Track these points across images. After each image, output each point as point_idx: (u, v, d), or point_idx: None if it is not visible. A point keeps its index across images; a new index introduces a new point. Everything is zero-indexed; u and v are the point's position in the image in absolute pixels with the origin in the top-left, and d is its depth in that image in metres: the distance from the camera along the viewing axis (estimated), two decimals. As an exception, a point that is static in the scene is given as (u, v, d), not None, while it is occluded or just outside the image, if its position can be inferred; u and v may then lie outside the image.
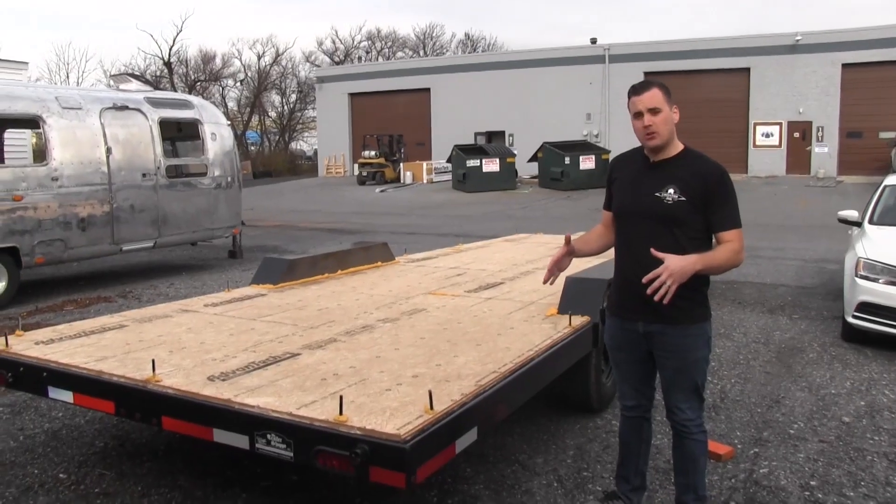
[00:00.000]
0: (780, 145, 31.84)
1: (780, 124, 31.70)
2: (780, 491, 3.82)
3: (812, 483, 3.90)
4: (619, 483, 3.56)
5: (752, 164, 32.09)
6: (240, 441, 2.96)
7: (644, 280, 2.95)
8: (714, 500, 3.69)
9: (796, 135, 31.52)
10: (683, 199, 3.02)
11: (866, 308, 6.46)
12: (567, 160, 28.36)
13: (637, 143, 3.28)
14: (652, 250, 2.98)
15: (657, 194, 3.07)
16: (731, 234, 3.03)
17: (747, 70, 31.96)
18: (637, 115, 3.07)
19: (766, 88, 31.64)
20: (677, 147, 3.13)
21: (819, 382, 5.64)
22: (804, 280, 10.25)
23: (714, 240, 3.12)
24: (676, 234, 3.04)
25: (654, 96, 3.04)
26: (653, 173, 3.12)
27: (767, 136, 31.94)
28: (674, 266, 2.90)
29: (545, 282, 3.50)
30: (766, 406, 5.13)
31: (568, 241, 3.40)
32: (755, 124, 32.18)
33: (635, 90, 3.08)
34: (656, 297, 2.92)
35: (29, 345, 4.01)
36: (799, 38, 30.73)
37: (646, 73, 30.78)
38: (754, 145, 32.30)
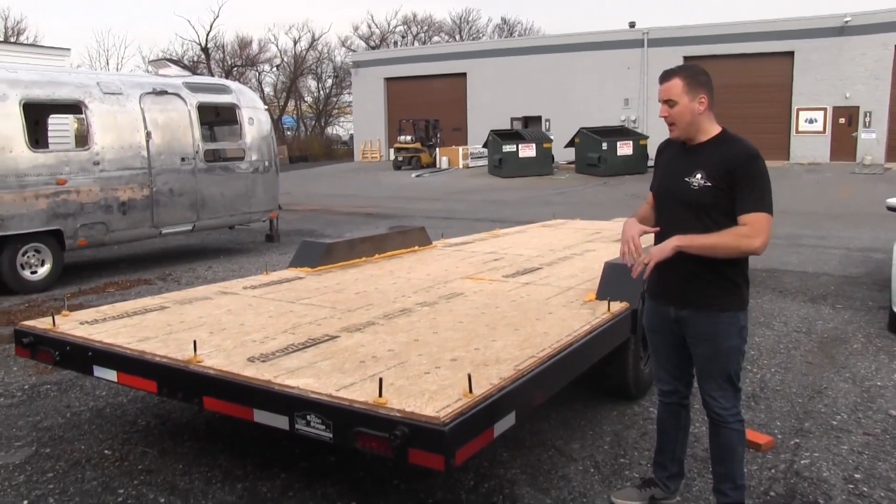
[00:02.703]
0: (824, 131, 31.11)
1: (825, 109, 30.95)
2: (822, 483, 3.75)
3: (857, 476, 3.83)
4: (657, 470, 3.54)
5: (795, 150, 31.44)
6: (280, 422, 2.99)
7: (630, 267, 3.06)
8: (753, 490, 3.64)
9: (842, 120, 30.76)
10: (709, 184, 2.99)
11: (914, 298, 6.30)
12: (604, 146, 28.08)
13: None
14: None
15: (686, 179, 3.05)
16: (747, 218, 2.92)
17: (791, 54, 31.24)
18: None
19: (810, 73, 30.90)
20: (712, 131, 3.08)
21: (864, 374, 5.52)
22: (848, 269, 10.03)
23: None
24: (704, 219, 3.01)
25: (670, 88, 3.03)
26: (686, 158, 3.11)
27: (811, 121, 31.23)
28: (654, 248, 3.01)
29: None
30: (807, 396, 5.04)
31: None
32: (798, 110, 31.48)
33: (660, 78, 3.11)
34: (634, 274, 3.05)
35: (74, 325, 4.09)
36: (848, 19, 29.86)
37: (685, 58, 30.32)
38: (797, 131, 31.62)
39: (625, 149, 28.31)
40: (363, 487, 3.70)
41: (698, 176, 3.01)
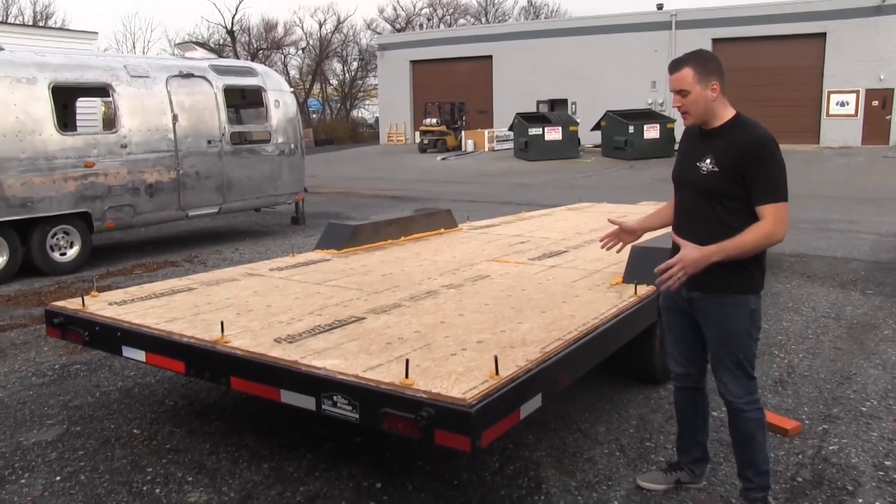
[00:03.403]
0: (855, 114, 30.54)
1: (857, 92, 30.37)
2: (850, 469, 3.70)
3: (887, 463, 3.77)
4: (681, 454, 3.53)
5: (825, 134, 30.92)
6: (306, 402, 3.00)
7: (656, 270, 3.00)
8: (780, 476, 3.61)
9: (875, 103, 30.16)
10: (717, 170, 2.95)
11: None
12: (631, 129, 27.82)
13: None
14: (672, 235, 3.11)
15: (697, 164, 3.03)
16: (767, 210, 2.88)
17: (823, 35, 30.65)
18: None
19: (843, 54, 30.28)
20: (725, 116, 3.03)
21: (894, 360, 5.42)
22: (879, 255, 9.85)
23: None
24: (714, 205, 2.98)
25: (680, 78, 3.00)
26: (701, 143, 3.08)
27: (842, 104, 30.66)
28: (689, 258, 2.93)
29: (602, 246, 3.73)
30: (836, 382, 4.97)
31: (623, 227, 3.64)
32: (829, 92, 30.92)
33: (669, 68, 3.08)
34: (662, 288, 3.03)
35: (103, 305, 4.14)
36: (885, -3, 29.21)
37: (714, 40, 29.94)
38: (827, 114, 31.07)
39: (651, 132, 28.01)
40: (389, 468, 3.72)
41: (708, 161, 2.98)
